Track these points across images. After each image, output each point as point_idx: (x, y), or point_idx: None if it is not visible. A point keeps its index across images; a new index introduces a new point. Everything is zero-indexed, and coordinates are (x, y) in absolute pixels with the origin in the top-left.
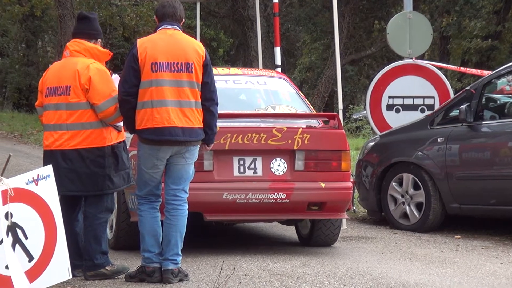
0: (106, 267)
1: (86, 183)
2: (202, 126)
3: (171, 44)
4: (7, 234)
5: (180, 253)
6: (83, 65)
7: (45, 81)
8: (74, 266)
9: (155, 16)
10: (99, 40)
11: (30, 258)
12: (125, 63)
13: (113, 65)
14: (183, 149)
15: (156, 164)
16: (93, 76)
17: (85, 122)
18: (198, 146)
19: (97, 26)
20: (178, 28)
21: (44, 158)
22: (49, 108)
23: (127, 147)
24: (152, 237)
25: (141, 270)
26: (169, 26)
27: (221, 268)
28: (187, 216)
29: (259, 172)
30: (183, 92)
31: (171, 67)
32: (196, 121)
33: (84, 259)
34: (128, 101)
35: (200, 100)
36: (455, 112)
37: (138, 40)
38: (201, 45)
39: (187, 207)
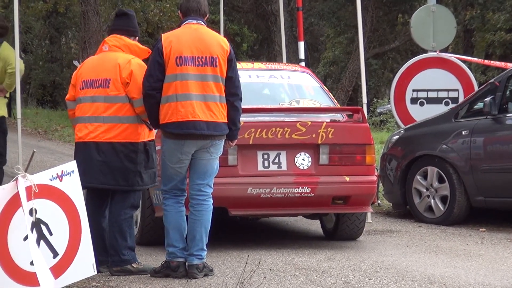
0: (132, 264)
1: (117, 177)
2: (227, 121)
3: (196, 38)
4: (32, 230)
5: (205, 248)
6: (125, 59)
7: (80, 75)
8: (99, 262)
9: (179, 11)
10: (137, 37)
11: (55, 254)
12: (150, 58)
13: None
14: (208, 144)
15: (181, 159)
16: (134, 71)
17: (122, 116)
18: (223, 140)
19: (135, 24)
20: (202, 23)
21: (76, 150)
22: (84, 101)
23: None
24: (176, 231)
25: (166, 265)
26: (194, 21)
27: (246, 263)
28: (212, 211)
29: (284, 167)
30: (208, 86)
31: (195, 61)
32: (220, 115)
33: (110, 254)
34: (153, 96)
35: (224, 95)
36: (479, 105)
37: (162, 34)
38: (225, 40)
39: (212, 202)
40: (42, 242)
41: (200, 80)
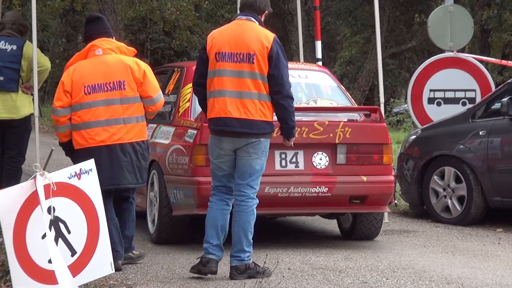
0: (133, 251)
1: (138, 175)
2: (270, 119)
3: (237, 34)
4: (50, 228)
5: (246, 249)
6: (131, 61)
7: (78, 80)
8: (117, 255)
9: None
10: (114, 38)
11: (73, 252)
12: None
13: (154, 60)
14: (243, 142)
15: (220, 154)
16: (146, 71)
17: (139, 116)
18: (264, 140)
19: (109, 25)
20: (253, 19)
21: (93, 154)
22: (95, 105)
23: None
24: (212, 228)
25: (200, 260)
26: (243, 17)
27: (265, 262)
28: (253, 212)
29: (301, 166)
30: (244, 83)
31: (233, 58)
32: (258, 113)
33: (124, 243)
34: (198, 92)
35: (266, 93)
36: (496, 105)
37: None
38: (270, 36)
39: (255, 202)
40: (60, 240)
41: (236, 76)
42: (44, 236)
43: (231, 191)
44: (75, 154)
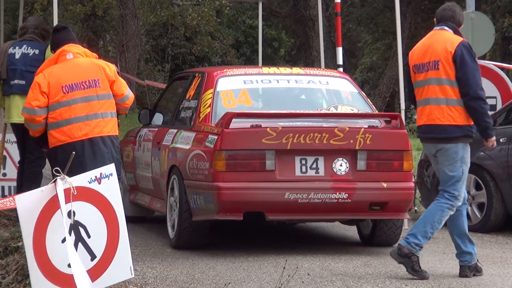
0: None
1: (116, 168)
2: (461, 123)
3: (426, 45)
4: (70, 233)
5: (417, 235)
6: (101, 62)
7: (55, 82)
8: None
9: (434, 19)
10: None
11: (93, 256)
12: None
13: (175, 65)
14: (432, 147)
15: (431, 160)
16: (115, 71)
17: (112, 112)
18: (454, 146)
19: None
20: (446, 28)
21: (76, 148)
22: (74, 102)
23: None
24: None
25: None
26: (438, 27)
27: (284, 267)
28: (441, 208)
29: (321, 172)
30: (430, 90)
31: (424, 67)
32: (446, 118)
33: None
34: (412, 104)
35: (456, 97)
36: None
37: None
38: (456, 41)
39: (448, 204)
40: (80, 244)
41: (425, 85)
42: (64, 240)
43: (452, 195)
44: (54, 151)
